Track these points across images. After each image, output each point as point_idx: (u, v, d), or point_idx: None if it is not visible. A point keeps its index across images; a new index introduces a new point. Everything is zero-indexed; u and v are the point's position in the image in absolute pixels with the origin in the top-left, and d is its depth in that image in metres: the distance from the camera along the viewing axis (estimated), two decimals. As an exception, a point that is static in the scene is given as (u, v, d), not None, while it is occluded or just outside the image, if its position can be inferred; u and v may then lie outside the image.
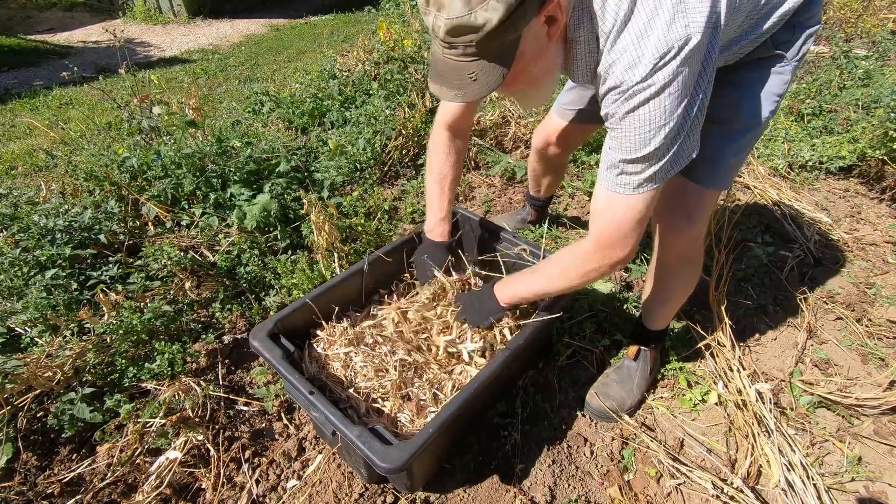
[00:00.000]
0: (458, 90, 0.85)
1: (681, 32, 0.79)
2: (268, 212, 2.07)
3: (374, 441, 1.01)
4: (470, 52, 0.81)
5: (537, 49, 0.86)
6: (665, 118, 0.85)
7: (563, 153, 1.83)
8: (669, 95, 0.83)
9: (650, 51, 0.80)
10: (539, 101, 1.04)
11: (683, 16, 0.80)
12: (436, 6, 0.78)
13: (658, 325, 1.50)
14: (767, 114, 1.12)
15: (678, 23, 0.79)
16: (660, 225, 1.29)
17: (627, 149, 0.90)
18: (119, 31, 3.17)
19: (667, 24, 0.79)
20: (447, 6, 0.76)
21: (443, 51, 0.84)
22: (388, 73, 3.45)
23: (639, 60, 0.81)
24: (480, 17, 0.75)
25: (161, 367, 1.59)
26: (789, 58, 1.08)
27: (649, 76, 0.81)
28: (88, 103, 4.44)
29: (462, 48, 0.80)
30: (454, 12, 0.75)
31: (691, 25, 0.80)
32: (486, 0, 0.74)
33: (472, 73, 0.83)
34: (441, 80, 0.87)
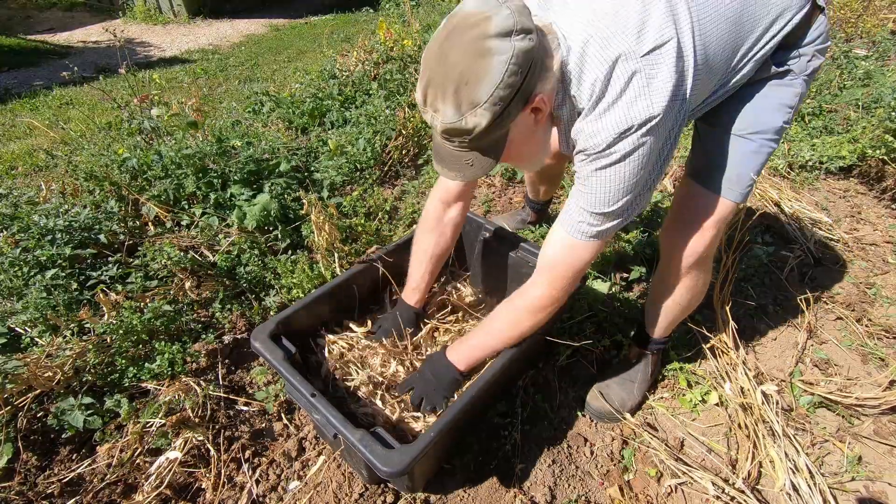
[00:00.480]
0: (457, 172, 0.97)
1: (643, 112, 0.86)
2: (268, 212, 2.07)
3: (376, 445, 1.01)
4: (464, 146, 0.91)
5: (526, 135, 0.95)
6: (625, 183, 0.94)
7: (557, 164, 1.86)
8: (631, 162, 0.91)
9: (611, 125, 0.88)
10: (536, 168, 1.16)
11: (647, 96, 0.86)
12: (432, 108, 0.88)
13: (662, 334, 1.48)
14: (780, 124, 1.10)
15: (640, 102, 0.86)
16: (671, 237, 1.26)
17: (591, 203, 0.98)
18: (119, 31, 3.16)
19: (629, 103, 0.87)
20: (441, 112, 0.86)
21: (442, 141, 0.94)
22: (387, 73, 3.45)
23: (600, 131, 0.89)
24: (470, 122, 0.84)
25: (161, 367, 1.59)
26: (797, 72, 1.07)
27: (610, 145, 0.89)
28: (88, 103, 4.44)
29: (457, 143, 0.91)
30: (447, 118, 0.86)
31: (654, 105, 0.86)
32: (475, 108, 0.83)
33: (468, 160, 0.94)
34: (443, 164, 0.98)
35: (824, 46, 1.08)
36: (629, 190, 0.95)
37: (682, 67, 0.88)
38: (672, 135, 0.95)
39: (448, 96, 0.84)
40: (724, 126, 1.14)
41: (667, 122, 0.89)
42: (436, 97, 0.86)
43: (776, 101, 1.09)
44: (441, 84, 0.84)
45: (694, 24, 0.90)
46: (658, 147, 0.92)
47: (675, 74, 0.87)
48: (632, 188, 0.95)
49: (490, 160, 0.94)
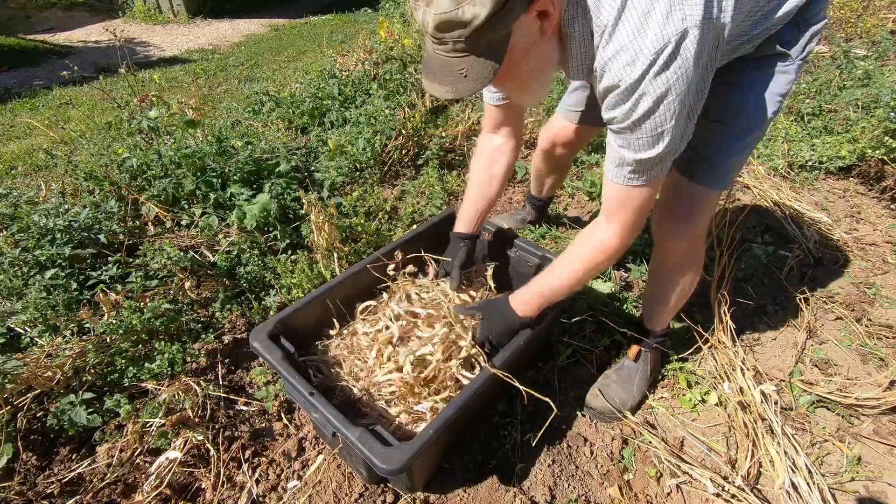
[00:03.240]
0: (448, 86, 0.85)
1: (677, 26, 0.77)
2: (268, 212, 2.07)
3: (375, 442, 1.01)
4: (459, 47, 0.80)
5: (529, 45, 0.85)
6: (673, 119, 0.85)
7: (568, 154, 1.83)
8: (677, 95, 0.82)
9: (647, 46, 0.78)
10: (535, 99, 1.03)
11: (680, 9, 0.77)
12: (425, 1, 0.77)
13: (659, 326, 1.50)
14: (770, 114, 1.11)
15: (674, 16, 0.77)
16: (660, 226, 1.29)
17: (639, 148, 0.90)
18: (119, 31, 3.15)
19: (663, 17, 0.77)
20: (435, 1, 0.76)
21: (433, 47, 0.84)
22: (387, 73, 3.45)
23: (636, 57, 0.79)
24: (468, 13, 0.75)
25: (161, 367, 1.59)
26: (794, 56, 1.06)
27: (651, 76, 0.80)
28: (88, 103, 4.43)
29: (451, 44, 0.80)
30: (442, 7, 0.75)
31: (688, 19, 0.77)
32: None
33: (461, 70, 0.82)
34: (432, 76, 0.87)
35: (821, 25, 1.05)
36: (673, 126, 0.86)
37: None
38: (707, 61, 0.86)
39: None
40: (714, 116, 1.13)
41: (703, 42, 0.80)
42: None
43: (769, 91, 1.09)
44: None
45: None
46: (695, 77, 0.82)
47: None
48: (676, 124, 0.86)
49: (488, 68, 0.82)
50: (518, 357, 1.26)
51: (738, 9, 0.87)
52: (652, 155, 0.90)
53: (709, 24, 0.80)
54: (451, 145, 2.95)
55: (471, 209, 1.43)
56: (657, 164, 0.93)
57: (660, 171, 0.96)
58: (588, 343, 1.70)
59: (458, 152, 2.93)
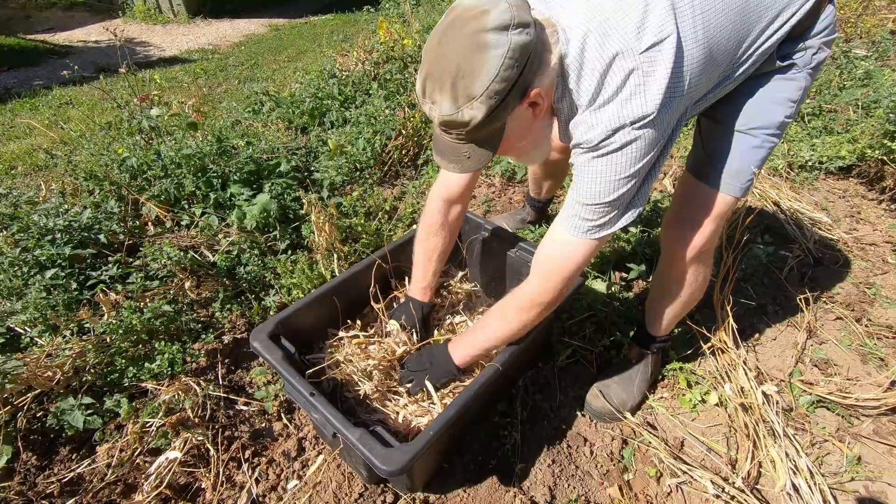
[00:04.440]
0: (455, 164, 0.98)
1: (637, 111, 0.87)
2: (268, 212, 2.07)
3: (375, 443, 1.01)
4: (461, 138, 0.93)
5: (523, 128, 0.96)
6: (619, 175, 0.94)
7: (564, 159, 1.83)
8: (625, 154, 0.91)
9: (605, 122, 0.89)
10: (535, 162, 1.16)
11: (642, 94, 0.86)
12: (430, 100, 0.89)
13: (662, 332, 1.49)
14: (782, 118, 1.10)
15: (635, 101, 0.86)
16: (670, 233, 1.26)
17: (586, 195, 0.98)
18: (119, 31, 3.15)
19: (623, 102, 0.87)
20: (439, 104, 0.87)
21: (440, 132, 0.96)
22: (387, 73, 3.45)
23: (595, 126, 0.91)
24: (466, 115, 0.85)
25: (161, 367, 1.59)
26: (801, 65, 1.06)
27: (605, 140, 0.90)
28: (88, 103, 4.43)
29: (454, 135, 0.93)
30: (444, 111, 0.87)
31: (649, 103, 0.86)
32: (471, 101, 0.84)
33: (465, 153, 0.95)
34: (442, 155, 0.99)
35: (831, 38, 1.06)
36: (624, 182, 0.95)
37: (681, 63, 0.88)
38: (669, 129, 0.95)
39: (445, 89, 0.85)
40: (726, 121, 1.13)
41: (662, 119, 0.90)
42: (434, 89, 0.87)
43: (779, 96, 1.09)
44: (439, 77, 0.85)
45: (697, 15, 0.89)
46: (653, 140, 0.92)
47: (673, 71, 0.86)
48: (627, 180, 0.95)
49: (487, 152, 0.95)
50: (518, 357, 1.26)
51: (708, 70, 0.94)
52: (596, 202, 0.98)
53: (672, 101, 0.89)
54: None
55: (427, 279, 1.51)
56: (599, 217, 1.00)
57: (600, 227, 1.02)
58: (588, 343, 1.70)
59: (458, 152, 2.92)
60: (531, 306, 1.16)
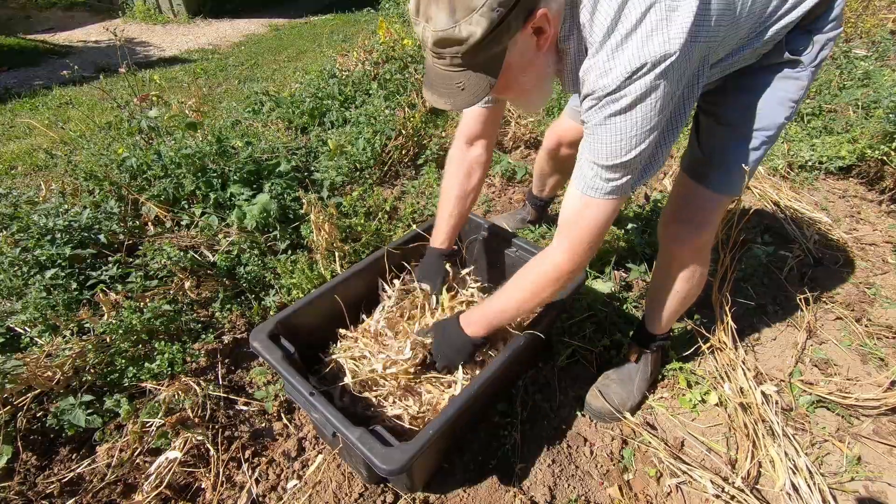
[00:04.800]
0: (447, 98, 0.88)
1: (658, 49, 0.79)
2: (267, 212, 2.07)
3: (375, 443, 1.01)
4: (456, 63, 0.83)
5: (526, 59, 0.87)
6: (636, 130, 0.86)
7: (573, 154, 1.83)
8: (642, 109, 0.84)
9: (623, 63, 0.80)
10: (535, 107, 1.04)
11: (664, 31, 0.79)
12: (424, 17, 0.81)
13: (661, 330, 1.49)
14: (783, 119, 1.09)
15: (656, 38, 0.79)
16: (667, 230, 1.27)
17: (602, 155, 0.91)
18: (119, 31, 3.15)
19: (644, 38, 0.79)
20: (434, 18, 0.79)
21: (433, 60, 0.87)
22: (387, 73, 3.45)
23: (609, 70, 0.82)
24: (464, 31, 0.77)
25: (161, 366, 1.59)
26: (806, 63, 1.04)
27: (621, 87, 0.82)
28: (88, 103, 4.43)
29: (449, 59, 0.83)
30: (440, 25, 0.78)
31: (672, 41, 0.79)
32: (470, 14, 0.76)
33: (459, 83, 0.85)
34: (432, 88, 0.90)
35: (836, 33, 1.04)
36: (642, 138, 0.87)
37: (707, 6, 0.81)
38: (690, 84, 0.88)
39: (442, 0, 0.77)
40: (724, 120, 1.13)
41: (683, 65, 0.82)
42: (429, 2, 0.79)
43: (782, 96, 1.08)
44: None
45: None
46: (672, 91, 0.84)
47: (698, 11, 0.79)
48: (645, 136, 0.87)
49: (484, 82, 0.85)
50: (520, 354, 1.26)
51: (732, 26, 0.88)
52: (609, 163, 0.91)
53: (691, 49, 0.81)
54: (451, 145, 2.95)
55: (448, 224, 1.44)
56: (615, 177, 0.93)
57: (618, 188, 0.95)
58: (588, 343, 1.70)
59: (458, 152, 2.93)
60: (559, 275, 1.08)
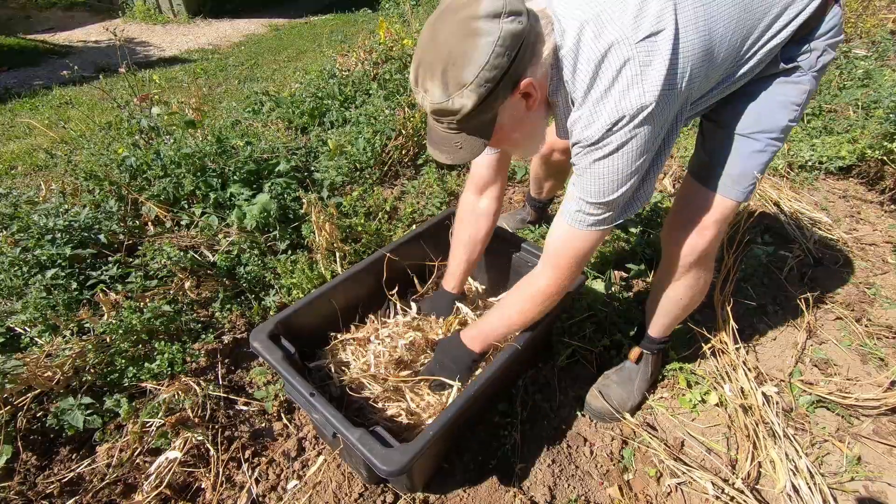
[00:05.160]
0: (447, 154, 0.98)
1: (634, 102, 0.85)
2: (267, 212, 2.07)
3: (375, 443, 1.01)
4: (453, 127, 0.92)
5: (516, 119, 0.95)
6: (620, 175, 0.94)
7: (565, 159, 1.84)
8: (625, 154, 0.91)
9: (603, 117, 0.88)
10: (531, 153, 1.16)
11: (639, 86, 0.85)
12: (423, 88, 0.89)
13: (662, 334, 1.49)
14: (786, 122, 1.09)
15: (632, 93, 0.85)
16: (672, 236, 1.26)
17: (588, 193, 0.99)
18: (119, 31, 3.15)
19: (621, 93, 0.85)
20: (430, 91, 0.87)
21: (433, 122, 0.96)
22: (387, 73, 3.45)
23: (592, 123, 0.90)
24: (457, 103, 0.86)
25: (161, 366, 1.59)
26: (805, 68, 1.05)
27: (603, 138, 0.89)
28: (88, 103, 4.43)
29: (446, 124, 0.92)
30: (435, 98, 0.87)
31: (647, 94, 0.85)
32: (461, 89, 0.84)
33: (457, 143, 0.95)
34: (435, 146, 0.99)
35: (837, 40, 1.04)
36: (625, 180, 0.95)
37: (679, 56, 0.87)
38: (667, 125, 0.94)
39: (436, 76, 0.85)
40: (729, 124, 1.13)
41: (662, 113, 0.88)
42: (425, 77, 0.87)
43: (783, 99, 1.08)
44: (430, 64, 0.86)
45: (699, 7, 0.88)
46: (653, 136, 0.91)
47: (671, 62, 0.85)
48: (627, 178, 0.95)
49: (479, 143, 0.94)
50: (520, 354, 1.26)
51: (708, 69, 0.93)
52: (595, 200, 0.99)
53: (668, 96, 0.87)
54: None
55: (460, 269, 1.54)
56: (601, 212, 1.01)
57: (602, 221, 1.03)
58: (588, 343, 1.70)
59: (458, 152, 2.93)
60: (544, 297, 1.19)
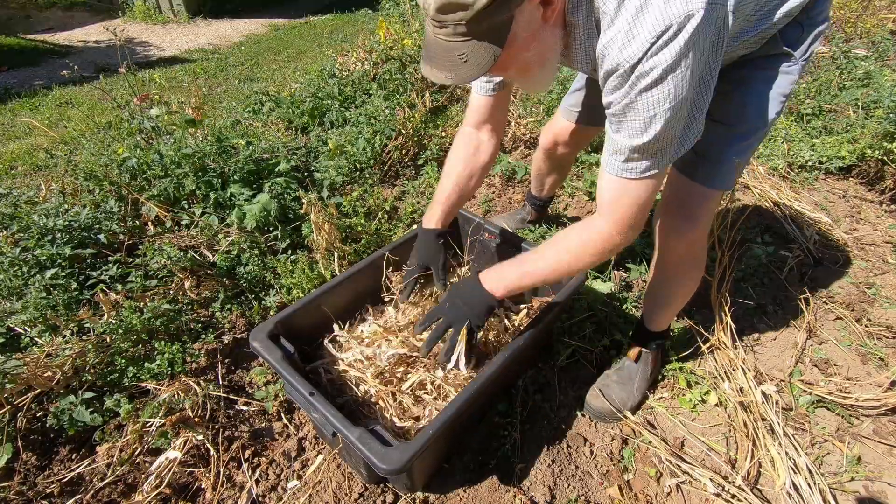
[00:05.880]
0: (448, 71, 0.83)
1: (680, 9, 0.74)
2: (267, 211, 2.07)
3: (375, 442, 1.01)
4: (460, 31, 0.78)
5: (531, 32, 0.82)
6: (669, 103, 0.81)
7: (569, 153, 1.84)
8: (673, 79, 0.78)
9: (647, 28, 0.75)
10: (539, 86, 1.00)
11: None
12: None
13: (659, 327, 1.50)
14: (773, 114, 1.10)
15: None
16: (661, 226, 1.28)
17: (632, 133, 0.86)
18: (119, 31, 3.15)
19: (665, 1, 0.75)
20: None
21: (434, 30, 0.82)
22: (387, 73, 3.45)
23: (633, 39, 0.76)
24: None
25: (161, 366, 1.59)
26: (797, 57, 1.06)
27: (649, 57, 0.77)
28: (88, 103, 4.43)
29: (452, 27, 0.78)
30: None
31: (693, 1, 0.74)
32: None
33: (462, 54, 0.80)
34: (432, 62, 0.85)
35: (824, 27, 1.06)
36: (677, 109, 0.81)
37: None
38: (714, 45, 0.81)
39: None
40: (716, 116, 1.12)
41: (708, 24, 0.76)
42: None
43: (771, 91, 1.09)
44: None
45: None
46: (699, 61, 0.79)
47: None
48: (680, 107, 0.81)
49: (488, 53, 0.80)
50: (520, 353, 1.26)
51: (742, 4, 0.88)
52: (645, 141, 0.85)
53: (713, 9, 0.76)
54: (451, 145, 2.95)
55: (448, 201, 1.36)
56: (653, 154, 0.88)
57: (657, 163, 0.90)
58: (588, 343, 1.70)
59: (458, 152, 2.93)
60: (605, 244, 1.04)
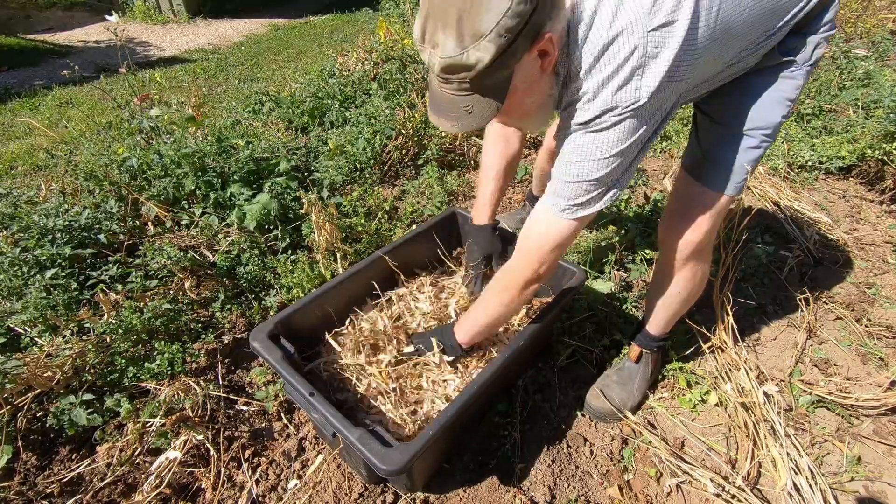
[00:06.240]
0: (454, 121, 0.89)
1: (629, 97, 0.85)
2: (268, 211, 2.07)
3: (375, 443, 1.01)
4: (464, 87, 0.84)
5: (530, 82, 0.89)
6: (604, 153, 0.92)
7: None
8: (612, 134, 0.90)
9: (597, 105, 0.87)
10: (538, 126, 1.08)
11: (638, 80, 0.84)
12: (430, 44, 0.81)
13: (661, 331, 1.49)
14: (780, 119, 1.10)
15: (629, 87, 0.84)
16: (666, 229, 1.27)
17: (568, 172, 0.97)
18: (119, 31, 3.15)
19: (619, 85, 0.84)
20: (441, 45, 0.79)
21: (439, 85, 0.88)
22: (387, 73, 3.45)
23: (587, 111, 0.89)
24: (472, 57, 0.78)
25: (161, 366, 1.59)
26: (800, 62, 1.06)
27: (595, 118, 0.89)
28: (88, 103, 4.43)
29: (457, 84, 0.84)
30: (447, 52, 0.79)
31: (642, 90, 0.84)
32: (478, 41, 0.76)
33: (467, 107, 0.87)
34: (439, 112, 0.91)
35: (830, 33, 1.06)
36: (610, 162, 0.93)
37: (689, 50, 0.85)
38: (662, 112, 0.93)
39: (449, 26, 0.77)
40: (723, 120, 1.13)
41: (654, 104, 0.88)
42: (435, 29, 0.79)
43: (777, 95, 1.09)
44: (442, 13, 0.77)
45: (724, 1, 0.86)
46: (642, 122, 0.90)
47: (676, 57, 0.83)
48: (612, 160, 0.93)
49: (491, 106, 0.86)
50: (520, 353, 1.26)
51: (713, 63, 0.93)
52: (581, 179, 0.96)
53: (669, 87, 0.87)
54: (451, 145, 2.95)
55: (494, 197, 1.51)
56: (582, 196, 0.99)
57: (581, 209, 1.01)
58: (588, 343, 1.70)
59: (458, 152, 2.93)
60: (514, 285, 1.17)
